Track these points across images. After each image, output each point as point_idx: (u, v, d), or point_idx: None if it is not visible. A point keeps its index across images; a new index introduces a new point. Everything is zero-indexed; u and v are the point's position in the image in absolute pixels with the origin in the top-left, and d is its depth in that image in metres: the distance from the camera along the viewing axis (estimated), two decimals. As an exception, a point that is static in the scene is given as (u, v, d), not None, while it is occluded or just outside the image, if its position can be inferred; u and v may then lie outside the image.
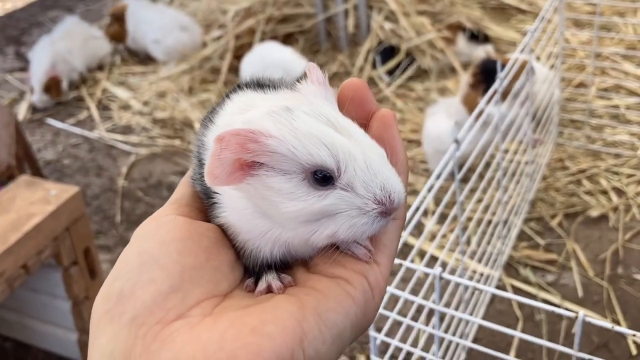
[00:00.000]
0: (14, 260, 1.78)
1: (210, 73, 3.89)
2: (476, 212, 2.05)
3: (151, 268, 0.53)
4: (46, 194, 1.94)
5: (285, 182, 0.54)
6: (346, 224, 0.54)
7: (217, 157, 0.52)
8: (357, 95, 0.61)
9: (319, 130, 0.54)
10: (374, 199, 0.54)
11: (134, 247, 0.55)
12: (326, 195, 0.54)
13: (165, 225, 0.56)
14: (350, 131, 0.55)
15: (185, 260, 0.54)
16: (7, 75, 4.25)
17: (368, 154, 0.55)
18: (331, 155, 0.53)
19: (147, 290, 0.51)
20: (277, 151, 0.53)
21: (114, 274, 0.54)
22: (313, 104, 0.57)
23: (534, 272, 2.40)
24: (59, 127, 3.66)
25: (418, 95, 3.57)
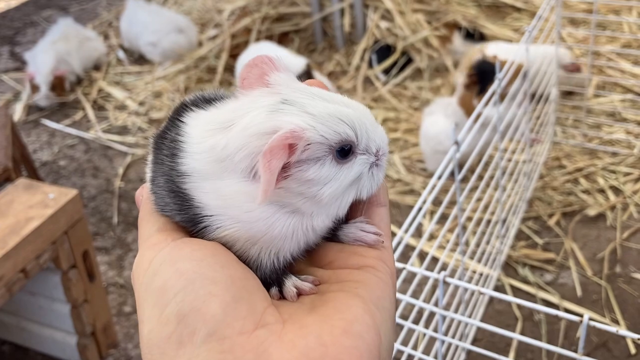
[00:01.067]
0: (13, 264, 1.77)
1: (207, 72, 3.88)
2: (475, 211, 2.06)
3: (204, 283, 0.50)
4: (45, 198, 1.93)
5: (320, 169, 0.55)
6: (368, 182, 0.59)
7: (269, 171, 0.52)
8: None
9: (329, 109, 0.56)
10: (382, 151, 0.59)
11: (165, 274, 0.52)
12: (351, 165, 0.57)
13: (183, 248, 0.54)
14: (342, 100, 0.58)
15: (231, 272, 0.52)
16: (2, 75, 4.22)
17: (368, 117, 0.59)
18: (350, 128, 0.56)
19: (211, 303, 0.49)
20: (314, 141, 0.54)
21: (158, 303, 0.51)
22: (299, 89, 0.58)
23: (532, 271, 2.40)
24: (54, 127, 3.64)
25: (412, 93, 3.57)
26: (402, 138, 3.24)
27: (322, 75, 3.43)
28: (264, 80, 0.59)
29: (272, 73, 0.59)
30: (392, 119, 3.38)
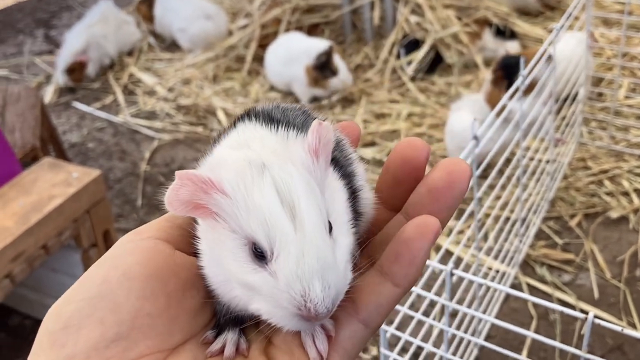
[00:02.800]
0: (35, 240, 1.81)
1: (235, 62, 3.91)
2: (494, 208, 2.05)
3: (106, 305, 0.50)
4: (68, 177, 1.98)
5: (231, 239, 0.52)
6: (266, 308, 0.51)
7: (175, 191, 0.51)
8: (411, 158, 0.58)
9: (269, 208, 0.51)
10: (293, 300, 0.50)
11: (101, 270, 0.53)
12: (257, 272, 0.51)
13: (140, 253, 0.54)
14: (305, 222, 0.51)
15: (143, 305, 0.51)
16: (36, 58, 4.30)
17: (306, 253, 0.50)
18: (267, 238, 0.50)
19: (92, 331, 0.49)
20: (224, 210, 0.51)
21: (72, 293, 0.52)
22: (289, 173, 0.53)
23: (550, 271, 2.39)
24: (84, 110, 3.71)
25: (440, 89, 3.56)
26: (426, 133, 3.23)
27: (342, 60, 3.43)
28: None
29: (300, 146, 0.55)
30: (417, 113, 3.37)
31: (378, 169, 2.96)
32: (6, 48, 4.47)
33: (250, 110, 0.62)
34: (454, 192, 0.56)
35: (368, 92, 3.56)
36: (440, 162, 0.57)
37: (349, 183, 0.59)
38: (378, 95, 3.53)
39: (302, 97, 3.50)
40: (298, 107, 0.64)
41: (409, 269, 0.53)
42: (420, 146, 0.59)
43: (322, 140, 0.54)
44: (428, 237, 0.53)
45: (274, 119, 0.60)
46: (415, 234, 0.53)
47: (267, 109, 0.62)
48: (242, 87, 3.73)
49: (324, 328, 0.53)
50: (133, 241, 0.55)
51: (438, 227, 0.53)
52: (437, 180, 0.56)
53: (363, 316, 0.53)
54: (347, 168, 0.61)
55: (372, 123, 3.32)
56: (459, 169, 0.56)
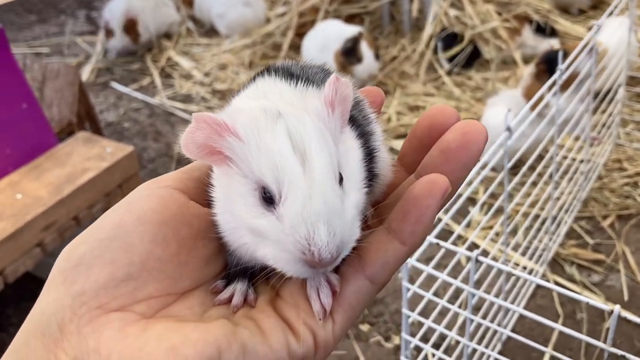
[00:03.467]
0: (66, 211, 1.85)
1: (272, 49, 3.92)
2: (523, 205, 2.03)
3: (118, 247, 0.52)
4: (102, 151, 2.01)
5: (243, 184, 0.52)
6: (272, 253, 0.51)
7: (191, 134, 0.51)
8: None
9: (280, 152, 0.51)
10: (297, 243, 0.50)
11: (117, 214, 0.54)
12: (265, 216, 0.51)
13: (155, 200, 0.55)
14: (314, 168, 0.51)
15: (154, 249, 0.53)
16: (77, 38, 4.37)
17: (314, 196, 0.50)
18: (276, 181, 0.50)
19: (103, 270, 0.51)
20: (237, 154, 0.52)
21: (87, 233, 0.53)
22: (303, 122, 0.53)
23: (579, 270, 2.35)
24: (122, 91, 3.76)
25: (476, 84, 3.52)
26: (460, 127, 3.20)
27: (370, 49, 3.40)
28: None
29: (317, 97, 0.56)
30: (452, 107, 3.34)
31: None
32: (48, 27, 4.55)
33: (270, 66, 0.63)
34: (469, 152, 0.55)
35: (403, 85, 3.54)
36: (456, 123, 0.57)
37: (365, 142, 0.60)
38: (413, 88, 3.51)
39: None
40: (318, 65, 0.65)
41: (416, 227, 0.53)
42: (450, 113, 0.58)
43: (339, 93, 0.54)
44: (436, 194, 0.52)
45: (294, 74, 0.60)
46: (423, 192, 0.53)
47: (287, 65, 0.63)
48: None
49: (330, 283, 0.54)
50: (149, 189, 0.56)
51: (447, 185, 0.53)
52: (450, 141, 0.56)
53: (369, 272, 0.54)
54: (364, 127, 0.61)
55: (406, 115, 3.30)
56: (474, 129, 0.55)
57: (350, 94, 0.55)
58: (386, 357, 2.12)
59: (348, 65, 3.39)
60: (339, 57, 3.39)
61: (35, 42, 4.35)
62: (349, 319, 0.54)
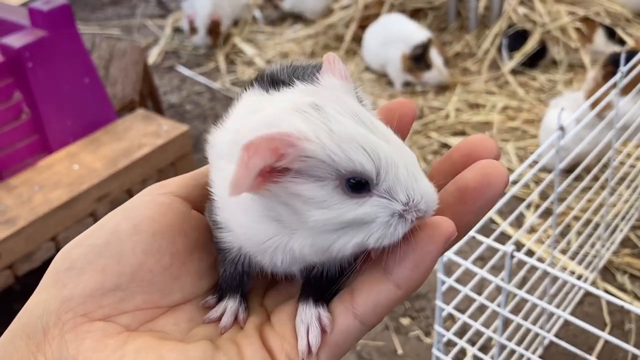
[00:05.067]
0: (120, 184, 1.91)
1: (334, 40, 3.94)
2: (574, 209, 1.98)
3: (111, 254, 0.52)
4: (158, 129, 2.06)
5: (318, 190, 0.49)
6: (380, 230, 0.50)
7: (244, 166, 0.46)
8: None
9: (356, 132, 0.49)
10: (415, 204, 0.50)
11: (114, 219, 0.54)
12: (363, 203, 0.49)
13: (154, 208, 0.54)
14: (384, 133, 0.51)
15: (146, 260, 0.52)
16: (148, 20, 4.49)
17: (407, 159, 0.50)
18: (371, 160, 0.48)
19: (93, 277, 0.51)
20: (315, 156, 0.48)
21: (84, 236, 0.54)
22: (342, 101, 0.52)
23: (632, 280, 2.28)
24: (186, 74, 3.84)
25: (541, 85, 3.44)
26: (520, 128, 3.14)
27: (440, 55, 3.36)
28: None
29: (329, 75, 0.55)
30: (513, 107, 3.28)
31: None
32: (120, 9, 4.68)
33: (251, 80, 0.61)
34: (486, 195, 0.52)
35: (465, 82, 3.50)
36: (477, 162, 0.54)
37: None
38: (474, 85, 3.46)
39: (395, 80, 3.49)
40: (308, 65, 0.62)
41: (413, 272, 0.50)
42: (491, 146, 0.55)
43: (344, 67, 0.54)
44: (438, 241, 0.50)
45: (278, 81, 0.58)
46: (424, 236, 0.50)
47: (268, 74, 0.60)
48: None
49: (320, 320, 0.52)
50: (151, 194, 0.56)
51: (452, 231, 0.50)
52: (468, 180, 0.53)
53: (359, 312, 0.52)
54: None
55: (465, 112, 3.26)
56: (494, 171, 0.52)
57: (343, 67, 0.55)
58: (424, 352, 2.10)
59: (417, 71, 3.37)
60: (407, 61, 3.37)
61: (107, 23, 4.49)
62: (333, 356, 0.52)
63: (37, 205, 1.75)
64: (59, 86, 1.92)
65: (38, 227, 1.74)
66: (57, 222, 1.79)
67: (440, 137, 3.09)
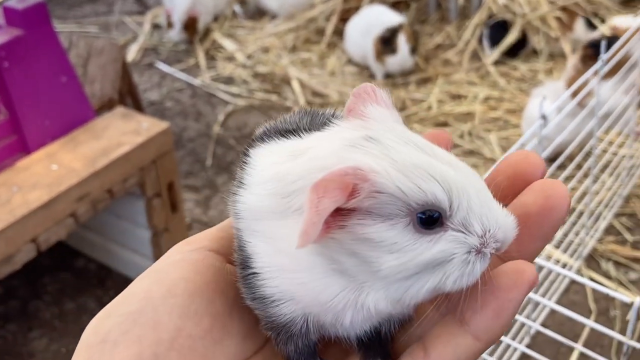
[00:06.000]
0: (100, 183, 1.88)
1: (315, 34, 3.92)
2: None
3: (146, 322, 0.47)
4: (138, 126, 2.04)
5: (387, 230, 0.44)
6: (458, 270, 0.44)
7: (314, 210, 0.41)
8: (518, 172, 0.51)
9: (421, 161, 0.44)
10: (493, 235, 0.45)
11: (145, 283, 0.50)
12: (437, 240, 0.44)
13: (187, 267, 0.50)
14: (448, 159, 0.46)
15: (184, 325, 0.48)
16: (126, 17, 4.44)
17: (477, 185, 0.46)
18: (443, 190, 0.43)
19: (129, 348, 0.46)
20: (386, 190, 0.43)
21: (113, 306, 0.50)
22: (395, 130, 0.47)
23: (616, 267, 2.29)
24: (166, 71, 3.81)
25: (522, 75, 3.45)
26: (502, 118, 3.15)
27: (407, 42, 3.35)
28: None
29: (371, 105, 0.49)
30: (494, 97, 3.29)
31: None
32: (98, 7, 4.63)
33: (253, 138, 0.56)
34: (551, 220, 0.48)
35: (446, 73, 3.50)
36: (535, 183, 0.49)
37: None
38: (455, 76, 3.46)
39: (376, 72, 3.48)
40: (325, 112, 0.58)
41: (494, 322, 0.46)
42: (537, 162, 0.51)
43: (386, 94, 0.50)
44: (522, 288, 0.45)
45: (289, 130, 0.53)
46: (507, 283, 0.45)
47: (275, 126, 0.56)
48: (320, 59, 3.73)
49: None
50: (182, 252, 0.52)
51: (535, 276, 0.46)
52: (529, 205, 0.48)
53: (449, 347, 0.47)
54: None
55: (447, 104, 3.26)
56: (556, 192, 0.48)
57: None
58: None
59: (383, 54, 3.37)
60: (377, 44, 3.37)
61: (84, 20, 4.44)
62: None
63: (16, 207, 1.72)
64: (36, 86, 1.89)
65: (17, 228, 1.71)
66: (37, 223, 1.76)
67: (423, 129, 3.08)
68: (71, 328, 2.20)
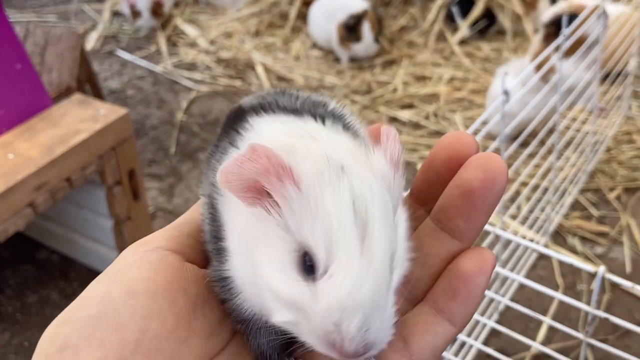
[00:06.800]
0: (58, 172, 1.83)
1: (279, 18, 3.88)
2: (521, 174, 1.98)
3: (108, 325, 0.45)
4: (96, 113, 1.98)
5: (280, 239, 0.44)
6: (306, 333, 0.44)
7: (239, 163, 0.43)
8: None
9: (340, 221, 0.42)
10: (326, 326, 0.42)
11: (103, 286, 0.48)
12: (297, 285, 0.43)
13: (146, 267, 0.48)
14: (374, 249, 0.43)
15: (148, 326, 0.46)
16: (85, 5, 4.34)
17: (363, 288, 0.42)
18: (326, 252, 0.42)
19: (92, 354, 0.44)
20: (290, 205, 0.43)
21: (70, 312, 0.47)
22: (369, 185, 0.44)
23: (582, 242, 2.31)
24: (127, 59, 3.73)
25: (486, 55, 3.45)
26: (467, 98, 3.15)
27: (371, 30, 3.35)
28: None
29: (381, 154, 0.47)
30: (459, 78, 3.29)
31: (415, 131, 2.90)
32: (56, -5, 4.53)
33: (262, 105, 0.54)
34: (492, 193, 0.49)
35: (410, 55, 3.49)
36: (472, 158, 0.50)
37: None
38: (420, 58, 3.45)
39: (341, 56, 3.45)
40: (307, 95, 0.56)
41: (467, 307, 0.49)
42: (469, 142, 0.51)
43: (399, 150, 0.47)
44: (487, 272, 0.48)
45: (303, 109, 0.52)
46: (473, 269, 0.48)
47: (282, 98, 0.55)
48: (284, 44, 3.69)
49: None
50: (138, 253, 0.50)
51: (494, 259, 0.49)
52: (471, 180, 0.49)
53: (417, 359, 0.48)
54: None
55: (412, 85, 3.25)
56: (495, 165, 0.49)
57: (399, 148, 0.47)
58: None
59: (347, 41, 3.36)
60: (341, 30, 3.35)
61: (42, 9, 4.33)
62: None
63: (-30, 198, 1.66)
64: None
65: (-27, 221, 1.66)
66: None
67: (389, 111, 3.07)
68: (34, 321, 2.15)
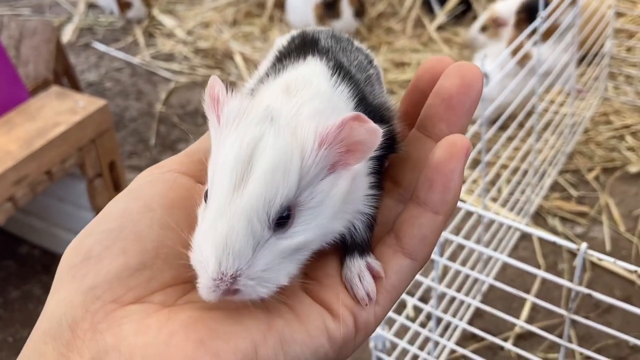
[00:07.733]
0: (38, 165, 1.82)
1: (256, 7, 3.85)
2: (501, 157, 2.00)
3: (127, 235, 0.48)
4: (74, 105, 1.97)
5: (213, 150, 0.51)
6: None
7: (207, 88, 0.51)
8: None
9: (223, 163, 0.47)
10: (194, 259, 0.47)
11: (121, 202, 0.51)
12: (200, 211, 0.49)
13: (160, 185, 0.52)
14: (243, 197, 0.46)
15: (166, 235, 0.49)
16: (59, -2, 4.29)
17: (219, 229, 0.46)
18: (210, 187, 0.48)
19: (115, 260, 0.47)
20: (214, 134, 0.50)
21: (92, 226, 0.50)
22: (277, 141, 0.47)
23: (563, 223, 2.34)
24: (103, 50, 3.70)
25: (464, 41, 3.47)
26: (446, 83, 3.16)
27: (350, 6, 3.39)
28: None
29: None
30: (438, 63, 3.30)
31: (394, 118, 2.91)
32: (30, -12, 4.46)
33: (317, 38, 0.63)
34: (470, 96, 0.53)
35: (389, 41, 3.49)
36: (449, 67, 0.54)
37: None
38: (398, 44, 3.46)
39: (322, 42, 3.45)
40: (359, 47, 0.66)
41: (445, 195, 0.50)
42: (449, 62, 0.56)
43: (352, 137, 0.48)
44: (459, 157, 0.50)
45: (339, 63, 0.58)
46: (445, 156, 0.50)
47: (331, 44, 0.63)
48: (262, 33, 3.68)
49: (370, 269, 0.51)
50: (152, 174, 0.53)
51: (468, 145, 0.50)
52: (449, 87, 0.53)
53: (408, 249, 0.52)
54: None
55: (391, 72, 3.26)
56: (470, 72, 0.53)
57: (373, 143, 0.48)
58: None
59: (326, 19, 3.35)
60: (319, 8, 3.35)
61: (16, 3, 4.27)
62: (391, 300, 0.52)
63: (-52, 194, 1.65)
64: (-37, 67, 1.81)
65: (-48, 216, 1.64)
66: (-27, 210, 1.69)
67: (368, 98, 3.07)
68: (17, 316, 2.13)
